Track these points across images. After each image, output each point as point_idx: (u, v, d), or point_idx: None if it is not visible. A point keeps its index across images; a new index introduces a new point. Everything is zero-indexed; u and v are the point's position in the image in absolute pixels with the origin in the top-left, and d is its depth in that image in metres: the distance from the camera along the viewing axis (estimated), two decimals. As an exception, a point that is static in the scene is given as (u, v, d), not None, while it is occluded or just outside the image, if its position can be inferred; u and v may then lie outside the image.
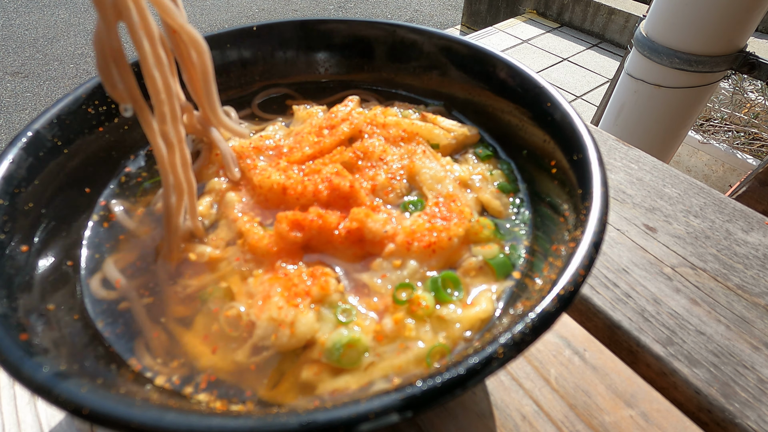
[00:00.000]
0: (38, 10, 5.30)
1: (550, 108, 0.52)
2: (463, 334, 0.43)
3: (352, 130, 0.63)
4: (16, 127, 3.59)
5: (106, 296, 0.46)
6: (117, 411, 0.28)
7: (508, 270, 0.48)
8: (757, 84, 3.06)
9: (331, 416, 0.27)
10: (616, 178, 0.83)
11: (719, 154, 2.78)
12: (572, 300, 0.33)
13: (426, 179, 0.56)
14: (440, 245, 0.48)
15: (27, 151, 0.46)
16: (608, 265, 0.68)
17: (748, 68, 1.63)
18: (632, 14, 4.22)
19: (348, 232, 0.49)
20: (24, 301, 0.39)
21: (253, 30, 0.67)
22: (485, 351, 0.30)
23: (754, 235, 0.73)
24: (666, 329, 0.60)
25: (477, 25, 5.23)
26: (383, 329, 0.43)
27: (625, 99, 1.83)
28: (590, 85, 3.91)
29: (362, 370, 0.41)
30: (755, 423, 0.51)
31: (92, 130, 0.54)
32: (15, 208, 0.43)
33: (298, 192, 0.54)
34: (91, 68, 4.31)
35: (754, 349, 0.58)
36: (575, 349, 0.57)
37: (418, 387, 0.29)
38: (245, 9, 5.56)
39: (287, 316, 0.42)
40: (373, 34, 0.69)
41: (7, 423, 0.50)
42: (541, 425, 0.50)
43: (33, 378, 0.30)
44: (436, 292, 0.46)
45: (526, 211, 0.55)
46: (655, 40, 1.63)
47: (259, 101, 0.72)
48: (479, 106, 0.65)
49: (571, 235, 0.40)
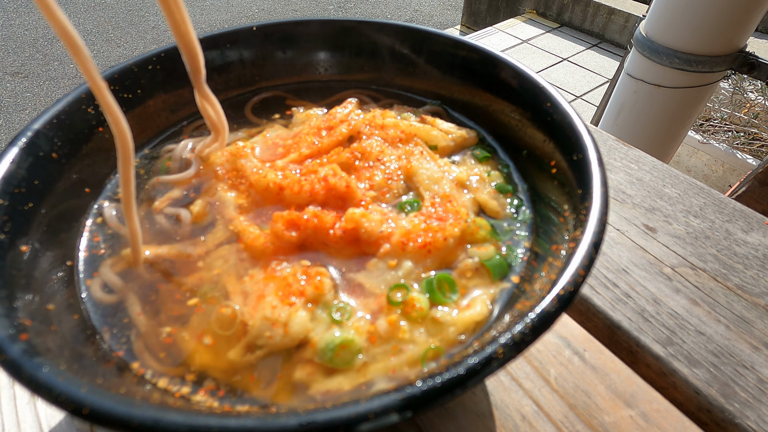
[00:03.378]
0: (38, 10, 5.27)
1: (550, 108, 0.52)
2: (458, 337, 0.43)
3: (351, 132, 0.63)
4: (16, 127, 3.59)
5: (105, 297, 0.46)
6: (117, 411, 0.28)
7: (504, 271, 0.48)
8: (757, 84, 3.06)
9: (330, 416, 0.27)
10: (616, 178, 0.83)
11: (719, 154, 2.78)
12: (572, 300, 0.33)
13: (423, 180, 0.56)
14: (435, 245, 0.48)
15: (27, 151, 0.46)
16: (608, 265, 0.68)
17: (748, 68, 1.63)
18: (632, 14, 4.22)
19: (343, 232, 0.49)
20: (24, 301, 0.39)
21: (253, 30, 0.67)
22: (485, 351, 0.30)
23: (754, 235, 0.73)
24: (666, 329, 0.60)
25: (477, 25, 5.23)
26: (377, 330, 0.43)
27: (625, 99, 1.83)
28: (590, 85, 3.91)
29: (355, 371, 0.41)
30: (755, 423, 0.51)
31: (92, 130, 0.54)
32: (15, 208, 0.43)
33: (294, 192, 0.54)
34: (91, 68, 4.31)
35: (754, 349, 0.58)
36: (575, 350, 0.57)
37: (418, 387, 0.29)
38: (245, 9, 5.56)
39: (281, 316, 0.42)
40: (372, 34, 0.69)
41: (7, 423, 0.50)
42: (541, 425, 0.50)
43: (33, 378, 0.30)
44: (431, 294, 0.45)
45: (525, 212, 0.55)
46: (655, 40, 1.63)
47: (258, 102, 0.72)
48: (479, 107, 0.65)
49: (571, 235, 0.40)
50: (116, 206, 0.54)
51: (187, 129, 0.66)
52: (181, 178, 0.58)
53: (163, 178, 0.58)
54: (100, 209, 0.54)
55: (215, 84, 0.68)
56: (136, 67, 0.59)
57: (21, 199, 0.44)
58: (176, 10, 0.46)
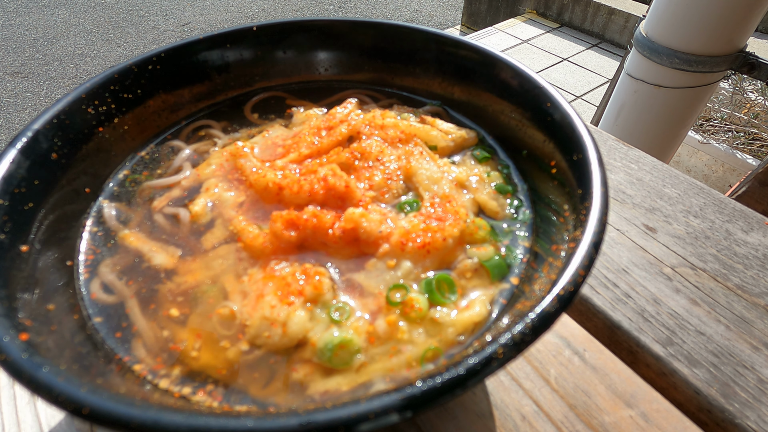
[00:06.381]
0: (38, 10, 5.30)
1: (550, 108, 0.52)
2: (457, 337, 0.43)
3: (350, 132, 0.63)
4: (16, 127, 3.59)
5: (105, 297, 0.46)
6: (117, 411, 0.28)
7: (503, 272, 0.48)
8: (757, 84, 3.06)
9: (330, 416, 0.27)
10: (616, 179, 0.83)
11: (719, 154, 2.78)
12: (572, 300, 0.33)
13: (422, 180, 0.56)
14: (435, 246, 0.48)
15: (27, 152, 0.46)
16: (608, 265, 0.68)
17: (748, 68, 1.63)
18: (632, 14, 4.22)
19: (343, 231, 0.49)
20: (24, 301, 0.39)
21: (253, 30, 0.67)
22: (485, 351, 0.30)
23: (754, 236, 0.73)
24: (666, 329, 0.60)
25: (477, 25, 5.23)
26: (376, 330, 0.43)
27: (625, 99, 1.83)
28: (590, 85, 3.91)
29: (354, 371, 0.41)
30: (755, 423, 0.51)
31: (92, 130, 0.54)
32: (15, 208, 0.43)
33: (293, 191, 0.54)
34: (91, 68, 4.32)
35: (754, 349, 0.58)
36: (575, 350, 0.57)
37: (418, 387, 0.29)
38: (245, 9, 5.56)
39: (280, 315, 0.42)
40: (372, 34, 0.69)
41: (7, 423, 0.50)
42: (541, 425, 0.50)
43: (33, 378, 0.30)
44: (430, 294, 0.45)
45: (525, 212, 0.55)
46: (655, 40, 1.63)
47: (258, 102, 0.72)
48: (479, 107, 0.65)
49: (571, 235, 0.40)
50: (116, 206, 0.54)
51: (187, 129, 0.66)
52: (171, 181, 0.58)
53: (153, 182, 0.58)
54: (100, 209, 0.54)
55: (215, 84, 0.68)
56: (136, 67, 0.59)
57: (21, 199, 0.44)
58: None
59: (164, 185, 0.58)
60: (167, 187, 0.58)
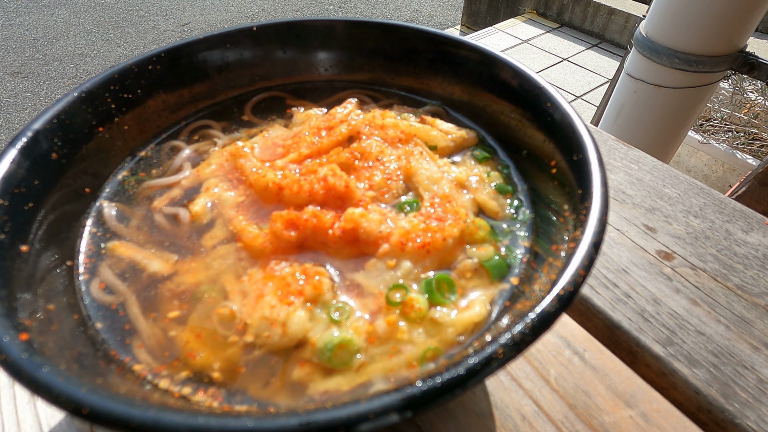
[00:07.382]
0: (38, 10, 5.29)
1: (550, 108, 0.52)
2: (456, 338, 0.43)
3: (350, 132, 0.63)
4: (16, 127, 3.59)
5: (105, 297, 0.46)
6: (117, 411, 0.28)
7: (503, 272, 0.48)
8: (757, 84, 3.06)
9: (330, 416, 0.27)
10: (616, 179, 0.83)
11: (719, 154, 2.78)
12: (572, 300, 0.33)
13: (422, 180, 0.56)
14: (434, 246, 0.48)
15: (27, 152, 0.46)
16: (608, 265, 0.68)
17: (748, 68, 1.63)
18: (632, 14, 4.22)
19: (342, 231, 0.49)
20: (24, 301, 0.39)
21: (253, 30, 0.67)
22: (485, 351, 0.30)
23: (754, 236, 0.73)
24: (666, 329, 0.60)
25: (477, 26, 5.23)
26: (376, 330, 0.43)
27: (625, 99, 1.83)
28: (590, 85, 3.91)
29: (354, 371, 0.41)
30: (755, 423, 0.51)
31: (92, 130, 0.54)
32: (15, 208, 0.43)
33: (293, 191, 0.54)
34: (91, 68, 4.32)
35: (754, 349, 0.58)
36: (575, 350, 0.57)
37: (418, 387, 0.29)
38: (245, 9, 5.56)
39: (280, 315, 0.42)
40: (372, 34, 0.69)
41: (7, 423, 0.50)
42: (541, 425, 0.50)
43: (33, 378, 0.30)
44: (429, 294, 0.45)
45: (525, 212, 0.55)
46: (655, 40, 1.63)
47: (258, 102, 0.72)
48: (479, 107, 0.65)
49: (571, 235, 0.40)
50: (116, 206, 0.54)
51: (187, 129, 0.66)
52: (171, 181, 0.58)
53: (153, 182, 0.58)
54: (100, 209, 0.54)
55: (215, 84, 0.68)
56: (136, 67, 0.59)
57: (21, 199, 0.44)
58: None
59: (164, 185, 0.58)
60: (167, 187, 0.58)
